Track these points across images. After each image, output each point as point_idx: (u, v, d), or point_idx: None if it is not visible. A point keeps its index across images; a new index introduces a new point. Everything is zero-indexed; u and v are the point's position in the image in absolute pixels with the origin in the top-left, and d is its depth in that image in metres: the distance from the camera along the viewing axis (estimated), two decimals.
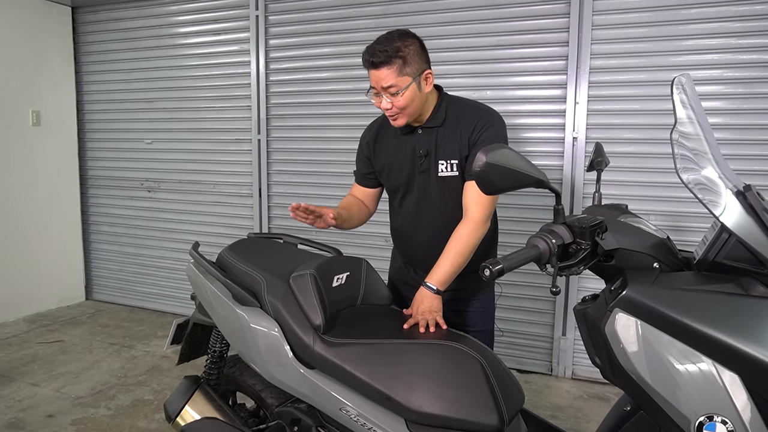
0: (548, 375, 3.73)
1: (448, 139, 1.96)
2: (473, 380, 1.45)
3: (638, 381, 1.15)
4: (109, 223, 5.24)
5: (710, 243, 1.17)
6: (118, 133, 5.07)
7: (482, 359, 1.49)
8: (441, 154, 1.97)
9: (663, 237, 1.34)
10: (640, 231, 1.35)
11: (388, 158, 2.09)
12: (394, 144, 2.07)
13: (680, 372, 1.08)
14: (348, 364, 1.55)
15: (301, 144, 4.32)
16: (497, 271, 1.12)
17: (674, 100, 1.16)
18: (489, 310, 2.18)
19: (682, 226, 3.33)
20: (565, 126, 3.52)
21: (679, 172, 1.12)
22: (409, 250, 2.18)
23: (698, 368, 1.06)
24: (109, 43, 5.00)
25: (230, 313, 1.82)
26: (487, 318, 2.16)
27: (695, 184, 1.11)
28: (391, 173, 2.09)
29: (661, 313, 1.11)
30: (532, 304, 3.74)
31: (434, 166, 1.98)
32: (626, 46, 3.36)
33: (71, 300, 5.23)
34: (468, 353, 1.50)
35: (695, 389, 1.06)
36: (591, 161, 1.90)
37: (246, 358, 1.86)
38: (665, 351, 1.10)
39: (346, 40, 4.06)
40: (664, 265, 1.25)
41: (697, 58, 3.24)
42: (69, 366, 3.77)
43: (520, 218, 3.66)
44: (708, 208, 1.11)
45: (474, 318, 2.13)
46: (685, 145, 1.13)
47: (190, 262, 2.13)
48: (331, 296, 1.73)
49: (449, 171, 1.96)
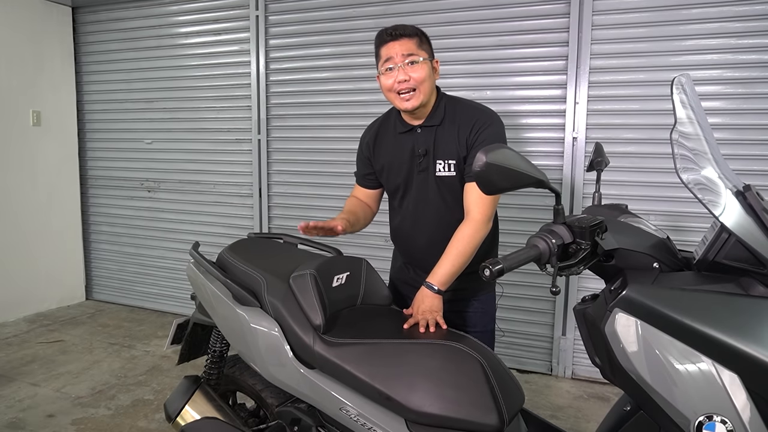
0: (548, 375, 3.74)
1: (446, 139, 1.96)
2: (473, 380, 1.45)
3: (638, 381, 1.15)
4: (109, 223, 5.25)
5: (710, 243, 1.17)
6: (119, 133, 5.07)
7: (482, 359, 1.49)
8: (439, 154, 1.97)
9: (663, 237, 1.34)
10: (640, 231, 1.35)
11: (387, 158, 2.09)
12: (393, 144, 2.07)
13: (680, 372, 1.08)
14: (348, 363, 1.55)
15: (301, 144, 4.32)
16: (497, 271, 1.12)
17: (674, 100, 1.16)
18: (489, 311, 2.18)
19: (682, 226, 3.33)
20: (565, 126, 3.52)
21: (678, 172, 1.12)
22: (408, 250, 2.18)
23: (698, 368, 1.06)
24: (110, 43, 5.01)
25: (230, 313, 1.82)
26: (487, 318, 2.16)
27: (695, 184, 1.11)
28: (390, 173, 2.09)
29: (661, 313, 1.11)
30: (532, 303, 3.75)
31: (432, 166, 1.99)
32: (626, 46, 3.37)
33: (71, 300, 5.23)
34: (468, 353, 1.50)
35: (695, 389, 1.06)
36: (591, 161, 1.90)
37: (246, 358, 1.86)
38: (665, 351, 1.10)
39: (346, 40, 4.06)
40: (663, 265, 1.25)
41: (697, 58, 3.24)
42: (69, 366, 3.77)
43: (520, 218, 3.66)
44: (708, 208, 1.11)
45: (474, 318, 2.12)
46: (685, 145, 1.13)
47: (191, 262, 2.13)
48: (331, 296, 1.73)
49: (446, 171, 1.96)
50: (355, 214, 2.11)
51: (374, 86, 3.95)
